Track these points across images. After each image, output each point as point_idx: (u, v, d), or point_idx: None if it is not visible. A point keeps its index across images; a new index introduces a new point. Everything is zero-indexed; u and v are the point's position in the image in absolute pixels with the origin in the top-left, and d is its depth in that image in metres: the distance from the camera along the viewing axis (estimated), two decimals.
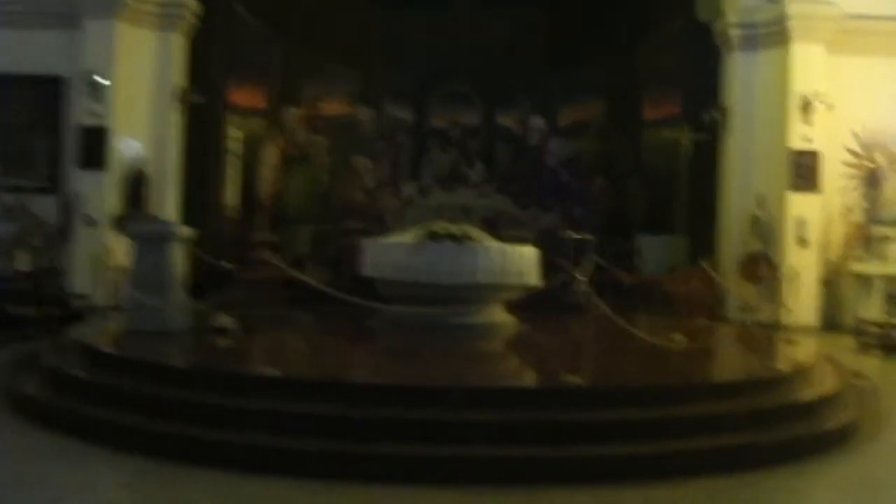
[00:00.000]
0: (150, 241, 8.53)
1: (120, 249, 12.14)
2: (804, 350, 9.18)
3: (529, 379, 7.69)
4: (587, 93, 17.25)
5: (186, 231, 8.93)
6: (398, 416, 5.79)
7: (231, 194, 15.61)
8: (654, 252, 15.14)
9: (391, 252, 9.36)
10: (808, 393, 7.19)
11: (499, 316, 9.54)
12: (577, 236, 11.88)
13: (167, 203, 14.14)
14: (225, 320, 8.63)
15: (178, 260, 8.88)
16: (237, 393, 6.27)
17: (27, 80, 13.87)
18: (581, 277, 10.26)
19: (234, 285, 8.96)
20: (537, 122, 17.62)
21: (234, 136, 15.29)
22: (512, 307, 9.91)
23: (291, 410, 5.91)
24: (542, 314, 10.50)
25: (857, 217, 14.22)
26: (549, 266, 10.38)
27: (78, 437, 6.02)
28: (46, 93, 13.98)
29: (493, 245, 9.35)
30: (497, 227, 14.68)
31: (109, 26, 13.54)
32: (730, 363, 8.87)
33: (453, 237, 9.07)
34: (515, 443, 5.64)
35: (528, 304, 10.19)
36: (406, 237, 9.66)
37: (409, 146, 17.99)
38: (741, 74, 14.15)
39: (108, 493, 5.24)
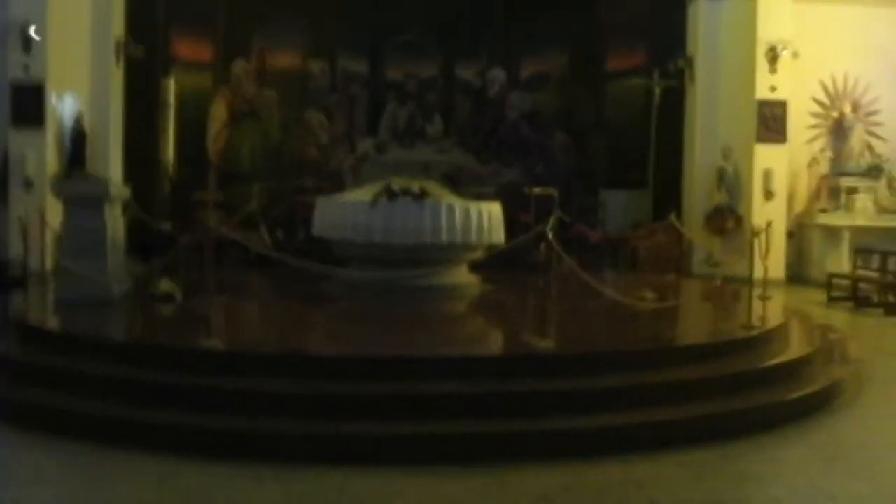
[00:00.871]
0: (82, 202, 7.87)
1: (59, 212, 11.46)
2: (776, 307, 8.84)
3: (495, 346, 7.26)
4: (548, 44, 16.64)
5: (121, 190, 8.30)
6: (354, 392, 5.32)
7: (177, 151, 14.86)
8: (619, 207, 14.76)
9: (345, 211, 8.81)
10: (785, 354, 6.85)
11: (462, 277, 9.06)
12: (541, 192, 11.37)
13: (109, 162, 13.41)
14: (167, 286, 8.05)
15: (115, 222, 8.23)
16: (179, 369, 5.77)
17: None
18: (545, 234, 9.76)
19: (177, 248, 8.30)
20: (497, 74, 17.02)
21: (169, 88, 14.25)
22: (475, 267, 9.42)
23: (238, 387, 5.41)
24: (507, 273, 10.02)
25: (823, 168, 13.95)
26: (512, 223, 9.90)
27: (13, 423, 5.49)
28: None
29: (455, 202, 8.81)
30: (457, 184, 14.16)
31: None
32: (701, 323, 8.51)
33: (412, 194, 8.52)
34: (482, 417, 5.20)
35: (491, 264, 9.70)
36: (361, 194, 9.09)
37: (364, 100, 17.28)
38: (706, 22, 13.74)
39: (31, 488, 4.69)
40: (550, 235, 6.44)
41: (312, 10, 16.69)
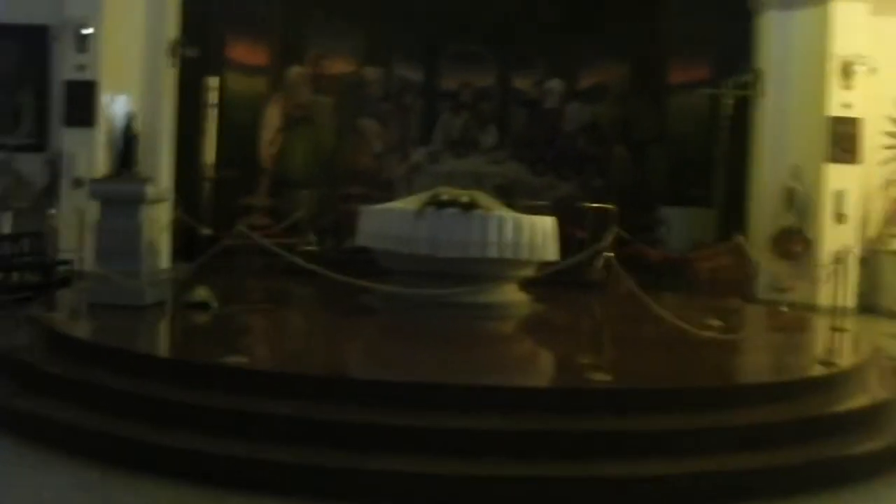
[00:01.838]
0: (118, 203, 7.41)
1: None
2: (851, 340, 8.05)
3: (545, 376, 6.55)
4: (608, 55, 15.96)
5: (160, 192, 7.83)
6: (387, 421, 4.72)
7: (226, 155, 14.45)
8: (679, 226, 13.97)
9: (390, 220, 8.25)
10: (863, 396, 6.08)
11: (511, 295, 8.41)
12: (598, 207, 10.72)
13: (160, 164, 13.03)
14: (203, 294, 7.56)
15: (152, 225, 7.77)
16: (202, 387, 5.24)
17: (11, 31, 12.73)
18: (602, 252, 9.11)
19: (216, 252, 7.83)
20: (554, 84, 16.37)
21: (211, 87, 13.79)
22: (526, 284, 8.77)
23: (261, 411, 4.85)
24: (559, 292, 9.35)
25: None
26: (566, 239, 9.24)
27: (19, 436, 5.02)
28: (32, 44, 12.87)
29: (506, 215, 8.19)
30: (511, 196, 13.53)
31: None
32: (770, 357, 7.66)
33: (460, 205, 7.91)
34: (526, 458, 4.56)
35: (543, 281, 9.05)
36: (407, 204, 8.52)
37: (418, 109, 16.77)
38: (775, 35, 12.91)
39: None
40: (611, 254, 5.77)
41: (369, 17, 16.25)
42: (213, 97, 13.18)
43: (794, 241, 12.47)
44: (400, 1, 16.00)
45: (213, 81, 11.52)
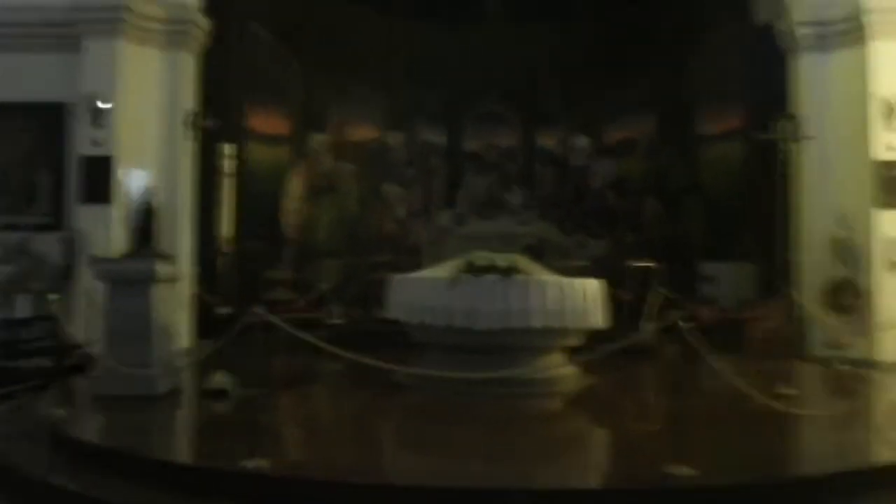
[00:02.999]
0: (125, 283, 6.63)
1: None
2: None
3: (614, 472, 5.46)
4: (635, 108, 15.26)
5: (171, 269, 7.05)
6: None
7: (246, 227, 13.73)
8: (721, 282, 13.01)
9: (421, 290, 7.41)
10: None
11: (558, 367, 7.49)
12: (641, 265, 9.85)
13: (180, 239, 12.31)
14: (220, 380, 6.72)
15: (166, 305, 6.97)
16: (212, 495, 4.36)
17: (26, 109, 12.16)
18: (651, 315, 8.24)
19: (232, 333, 7.03)
20: (580, 141, 15.67)
21: (225, 153, 12.98)
22: (571, 354, 7.86)
23: None
24: (607, 360, 8.41)
25: None
26: (610, 301, 8.35)
27: None
28: (47, 121, 12.26)
29: (548, 279, 7.33)
30: (541, 257, 12.70)
31: (111, 46, 11.84)
32: (866, 430, 6.59)
33: (498, 270, 7.07)
34: None
35: (587, 349, 8.14)
36: (439, 272, 7.69)
37: (442, 171, 16.10)
38: (812, 78, 12.13)
39: None
40: (688, 324, 4.91)
41: (390, 82, 15.70)
42: (228, 165, 12.44)
43: (847, 294, 11.50)
44: (420, 64, 15.44)
45: (229, 149, 10.81)
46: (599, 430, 6.47)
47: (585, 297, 7.32)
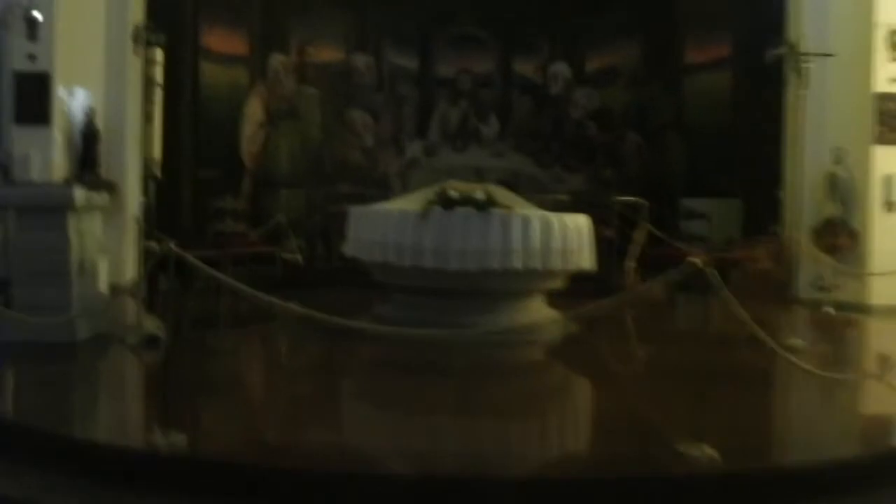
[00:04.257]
0: (37, 212, 5.53)
1: None
2: None
3: (615, 454, 4.14)
4: (617, 35, 14.11)
5: (93, 195, 5.94)
6: None
7: (202, 153, 12.53)
8: (704, 218, 12.10)
9: (386, 225, 6.38)
10: None
11: (539, 313, 6.54)
12: (625, 200, 8.89)
13: (126, 165, 11.11)
14: (151, 325, 5.68)
15: (88, 239, 5.88)
16: (121, 479, 3.37)
17: None
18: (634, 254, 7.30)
19: (181, 271, 5.99)
20: (560, 68, 14.50)
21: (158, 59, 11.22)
22: (550, 296, 6.91)
23: None
24: (586, 302, 7.45)
25: None
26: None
27: None
28: None
29: (531, 213, 6.33)
30: (516, 190, 11.70)
31: None
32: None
33: (475, 203, 6.05)
34: None
35: (567, 291, 7.18)
36: (408, 203, 6.65)
37: (412, 98, 14.89)
38: (812, 3, 11.06)
39: None
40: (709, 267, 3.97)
41: (357, 2, 14.38)
42: (158, 74, 10.91)
43: (839, 234, 10.66)
44: None
45: (158, 54, 9.42)
46: (595, 398, 5.43)
47: (572, 235, 6.33)
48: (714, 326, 7.46)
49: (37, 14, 10.32)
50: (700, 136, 13.23)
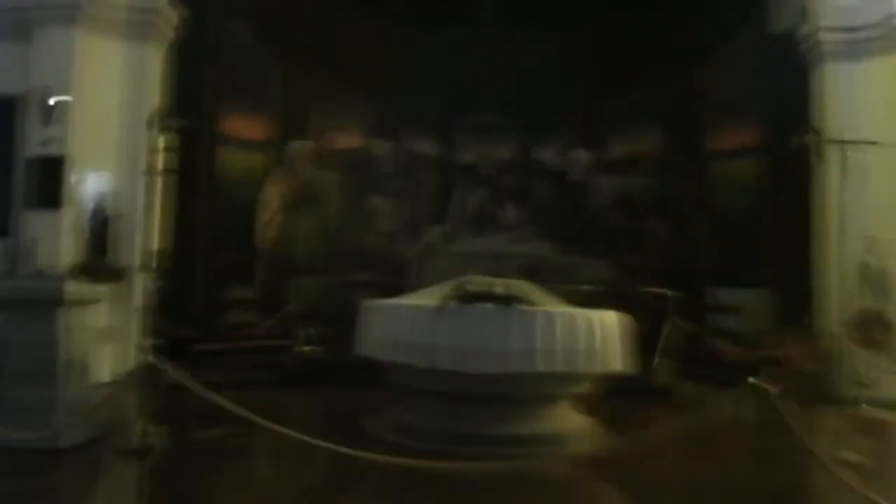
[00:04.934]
0: (25, 306, 5.04)
1: None
2: None
3: None
4: (639, 121, 13.74)
5: (91, 290, 5.46)
6: None
7: (217, 239, 12.10)
8: (735, 311, 11.47)
9: (400, 320, 5.82)
10: None
11: (567, 420, 5.91)
12: (654, 291, 8.33)
13: (137, 251, 10.69)
14: (143, 431, 5.13)
15: (81, 334, 5.37)
16: None
17: None
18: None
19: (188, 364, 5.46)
20: (581, 155, 14.13)
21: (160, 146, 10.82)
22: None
23: None
24: (619, 406, 6.84)
25: None
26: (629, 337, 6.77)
27: None
28: None
29: (557, 310, 5.76)
30: (537, 278, 11.15)
31: (67, 35, 10.28)
32: None
33: (496, 298, 5.50)
34: None
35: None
36: (424, 298, 6.12)
37: (432, 184, 14.52)
38: (840, 89, 10.72)
39: None
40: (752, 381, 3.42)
41: (377, 88, 14.15)
42: (171, 160, 10.52)
43: (877, 328, 10.00)
44: (411, 70, 13.89)
45: (160, 141, 9.08)
46: None
47: (601, 334, 5.75)
48: (752, 430, 6.79)
49: (55, 100, 10.13)
50: (726, 223, 12.69)
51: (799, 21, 11.22)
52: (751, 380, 3.74)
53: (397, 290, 9.02)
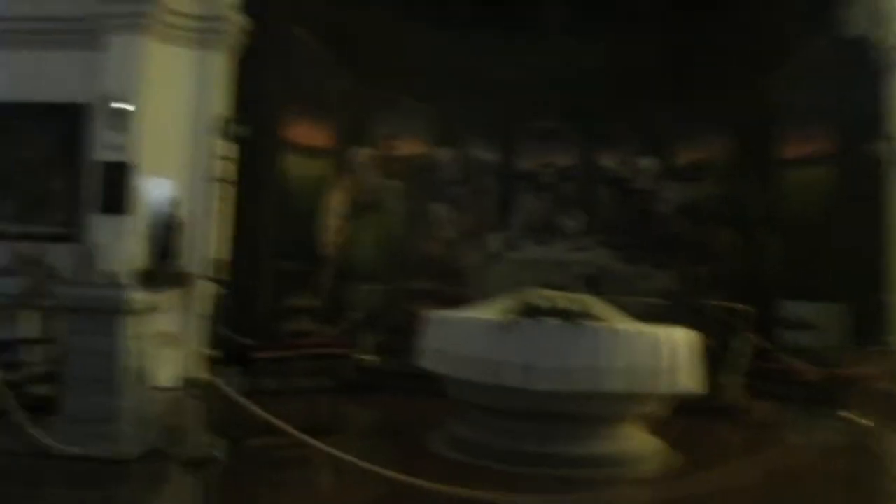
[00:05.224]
0: (88, 314, 5.00)
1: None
2: None
3: None
4: (707, 128, 13.34)
5: (147, 297, 5.41)
6: None
7: (286, 246, 12.08)
8: (807, 325, 11.00)
9: (463, 335, 5.64)
10: None
11: (634, 440, 5.67)
12: (723, 305, 8.00)
13: (204, 257, 10.73)
14: (206, 442, 5.05)
15: (144, 342, 5.33)
16: None
17: (43, 109, 10.72)
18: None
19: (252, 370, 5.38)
20: (647, 162, 13.77)
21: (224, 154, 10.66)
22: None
23: None
24: (689, 425, 6.55)
25: None
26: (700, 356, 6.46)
27: None
28: (66, 124, 10.80)
29: (626, 327, 5.53)
30: (599, 287, 10.87)
31: (135, 43, 10.33)
32: None
33: (566, 314, 5.29)
34: None
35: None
36: (486, 311, 5.93)
37: (494, 192, 14.35)
38: None
39: None
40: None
41: (440, 95, 14.00)
42: (226, 168, 10.52)
43: None
44: (474, 77, 13.71)
45: (223, 148, 8.99)
46: None
47: (670, 353, 5.49)
48: (836, 454, 6.42)
49: (124, 105, 10.22)
50: (796, 233, 12.23)
51: (875, 24, 10.78)
52: (842, 413, 3.43)
53: (458, 299, 8.86)
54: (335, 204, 13.45)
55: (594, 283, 11.54)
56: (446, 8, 13.84)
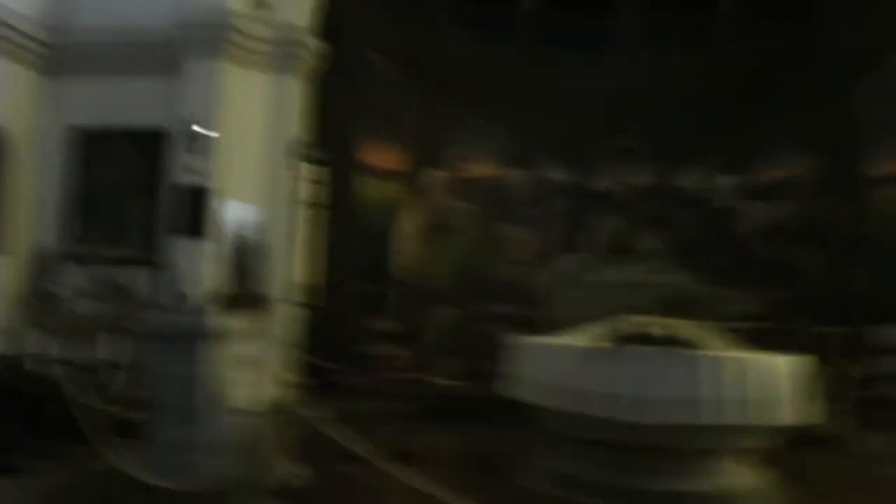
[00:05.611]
0: (169, 340, 4.88)
1: None
2: None
3: None
4: (790, 145, 12.82)
5: (226, 322, 5.27)
6: None
7: (358, 267, 11.97)
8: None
9: (552, 361, 5.35)
10: None
11: (736, 475, 5.29)
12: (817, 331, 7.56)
13: (280, 281, 10.65)
14: (290, 473, 4.86)
15: (226, 370, 5.19)
16: None
17: (123, 135, 10.81)
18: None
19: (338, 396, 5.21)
20: (725, 181, 13.29)
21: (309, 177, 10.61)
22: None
23: None
24: (790, 457, 6.10)
25: None
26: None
27: None
28: (145, 148, 10.87)
29: (724, 355, 5.17)
30: (678, 311, 10.43)
31: (214, 68, 10.34)
32: None
33: (666, 341, 4.97)
34: None
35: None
36: (575, 337, 5.64)
37: (566, 212, 14.02)
38: None
39: None
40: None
41: (511, 115, 13.78)
42: (311, 190, 10.42)
43: None
44: (544, 96, 13.44)
45: (302, 171, 8.89)
46: None
47: (774, 382, 5.12)
48: None
49: (202, 129, 10.23)
50: (885, 254, 11.62)
51: None
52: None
53: (533, 323, 8.57)
54: (409, 227, 13.31)
55: (671, 307, 11.10)
56: (515, 26, 13.66)
